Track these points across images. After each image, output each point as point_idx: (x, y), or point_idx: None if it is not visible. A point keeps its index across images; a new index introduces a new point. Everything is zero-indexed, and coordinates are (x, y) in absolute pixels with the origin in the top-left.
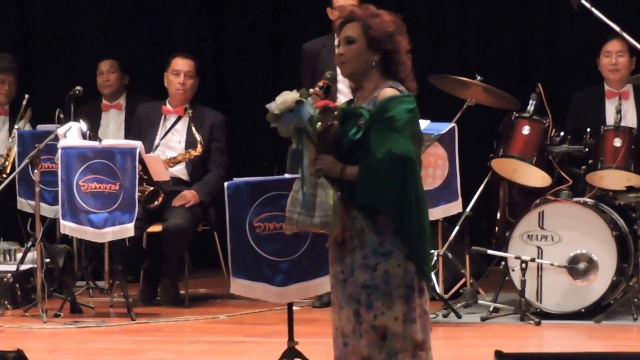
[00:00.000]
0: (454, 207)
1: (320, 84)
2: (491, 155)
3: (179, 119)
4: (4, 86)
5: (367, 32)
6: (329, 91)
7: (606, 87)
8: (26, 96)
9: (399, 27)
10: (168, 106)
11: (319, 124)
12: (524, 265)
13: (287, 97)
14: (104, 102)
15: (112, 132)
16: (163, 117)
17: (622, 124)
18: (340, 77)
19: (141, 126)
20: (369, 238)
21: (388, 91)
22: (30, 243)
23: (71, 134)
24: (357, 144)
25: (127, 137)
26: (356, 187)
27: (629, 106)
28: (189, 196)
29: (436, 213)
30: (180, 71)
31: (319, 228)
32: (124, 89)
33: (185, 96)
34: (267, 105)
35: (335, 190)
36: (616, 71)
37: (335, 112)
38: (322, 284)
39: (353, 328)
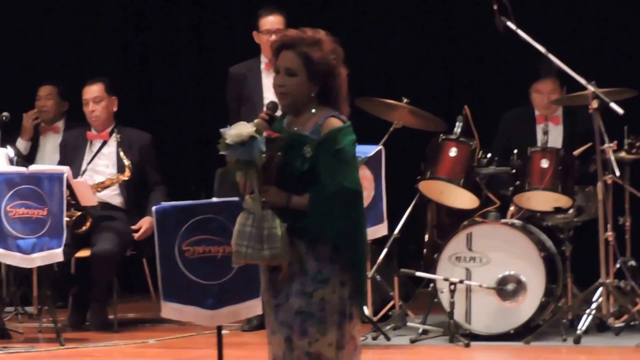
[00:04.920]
0: (380, 230)
1: (264, 115)
2: (418, 177)
3: (104, 143)
4: None
5: (309, 66)
6: (273, 121)
7: (536, 112)
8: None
9: (339, 57)
10: (93, 131)
11: (263, 155)
12: (452, 287)
13: (243, 131)
14: (42, 125)
15: (49, 154)
16: (89, 142)
17: (549, 145)
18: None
19: (67, 153)
20: (309, 265)
21: (334, 121)
22: None
23: None
24: (303, 173)
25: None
26: (309, 220)
27: (558, 131)
28: (147, 225)
29: None
30: (87, 100)
31: (269, 260)
32: (63, 115)
33: (100, 121)
34: (222, 131)
35: (281, 220)
36: (547, 108)
37: (279, 143)
38: (253, 307)
39: (284, 354)
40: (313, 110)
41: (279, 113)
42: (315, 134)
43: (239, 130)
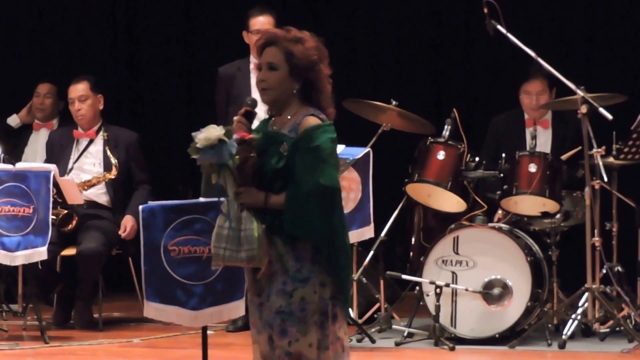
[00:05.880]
0: (366, 232)
1: (242, 111)
2: (406, 180)
3: (91, 141)
4: None
5: (290, 60)
6: (252, 117)
7: (526, 116)
8: None
9: (322, 54)
10: (80, 130)
11: (236, 157)
12: (438, 290)
13: (211, 134)
14: (36, 121)
15: (41, 150)
16: (75, 141)
17: (538, 149)
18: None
19: (53, 151)
20: (288, 264)
21: (311, 120)
22: None
23: None
24: (280, 171)
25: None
26: (284, 218)
27: (547, 134)
28: (130, 224)
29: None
30: (73, 98)
31: (246, 262)
32: (57, 114)
33: (86, 120)
34: (193, 134)
35: (259, 221)
36: (536, 110)
37: (252, 144)
38: (236, 308)
39: (269, 353)
40: (294, 112)
41: (262, 111)
42: (293, 133)
43: (207, 134)
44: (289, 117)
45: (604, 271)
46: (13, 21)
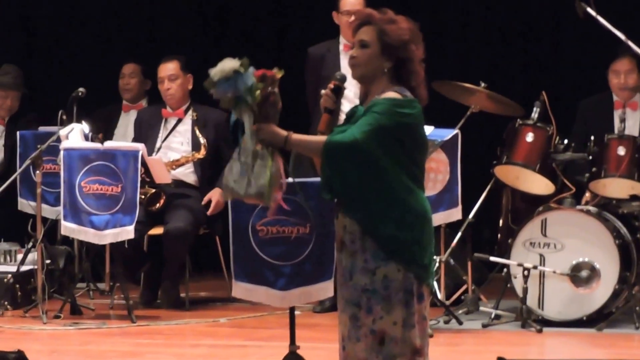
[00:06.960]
0: (454, 214)
1: (331, 85)
2: (494, 162)
3: (179, 121)
4: (7, 101)
5: (382, 38)
6: (340, 92)
7: (615, 98)
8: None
9: (415, 35)
10: (168, 109)
11: (258, 92)
12: (526, 272)
13: (226, 66)
14: (125, 103)
15: (130, 131)
16: (164, 120)
17: (627, 132)
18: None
19: (141, 130)
20: (368, 244)
21: (389, 93)
22: (31, 244)
23: (73, 136)
24: None
25: None
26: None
27: (636, 117)
28: (217, 197)
29: (436, 219)
30: (163, 77)
31: (254, 198)
32: (145, 94)
33: (175, 99)
34: (209, 71)
35: (274, 161)
36: (625, 90)
37: (274, 80)
38: (324, 289)
39: (349, 332)
40: (382, 90)
41: (351, 92)
42: None
43: (222, 66)
44: (376, 95)
45: None
46: (100, 2)
